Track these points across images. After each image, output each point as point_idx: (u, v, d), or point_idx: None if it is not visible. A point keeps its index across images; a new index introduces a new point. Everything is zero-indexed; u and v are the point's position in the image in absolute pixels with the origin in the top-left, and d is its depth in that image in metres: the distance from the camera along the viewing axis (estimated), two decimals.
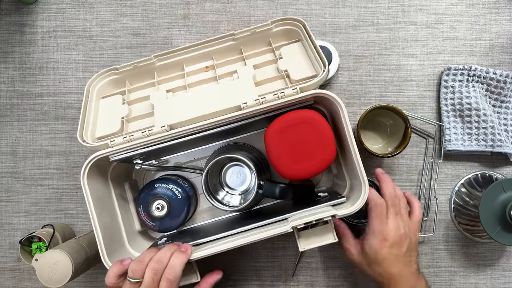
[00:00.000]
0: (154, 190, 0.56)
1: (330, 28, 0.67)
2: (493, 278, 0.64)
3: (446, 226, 0.65)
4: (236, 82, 0.55)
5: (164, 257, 0.46)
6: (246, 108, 0.49)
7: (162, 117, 0.53)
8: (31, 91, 0.69)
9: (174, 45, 0.68)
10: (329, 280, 0.65)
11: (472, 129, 0.63)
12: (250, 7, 0.68)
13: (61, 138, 0.68)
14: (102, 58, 0.68)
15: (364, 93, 0.66)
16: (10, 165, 0.68)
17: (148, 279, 0.45)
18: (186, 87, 0.57)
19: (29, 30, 0.69)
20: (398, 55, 0.66)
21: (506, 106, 0.64)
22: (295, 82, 0.53)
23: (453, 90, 0.63)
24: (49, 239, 0.59)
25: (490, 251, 0.64)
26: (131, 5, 0.69)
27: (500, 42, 0.66)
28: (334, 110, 0.52)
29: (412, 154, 0.65)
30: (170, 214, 0.56)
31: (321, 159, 0.51)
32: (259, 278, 0.65)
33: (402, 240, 0.52)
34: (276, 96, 0.49)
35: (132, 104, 0.59)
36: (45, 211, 0.67)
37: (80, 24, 0.69)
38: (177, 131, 0.50)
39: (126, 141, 0.50)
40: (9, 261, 0.67)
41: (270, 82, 0.55)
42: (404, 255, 0.52)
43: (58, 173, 0.67)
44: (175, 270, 0.45)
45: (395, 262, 0.51)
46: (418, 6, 0.67)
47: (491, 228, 0.54)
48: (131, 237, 0.57)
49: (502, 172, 0.64)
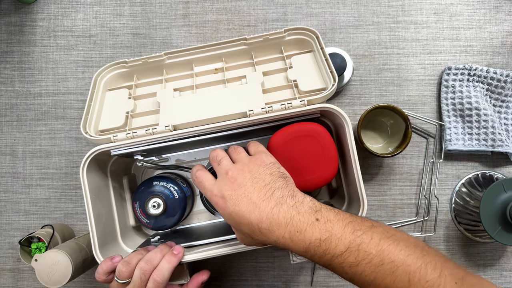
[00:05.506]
0: (152, 188, 0.56)
1: (330, 28, 0.67)
2: (493, 278, 0.64)
3: (446, 226, 0.64)
4: (244, 88, 0.54)
5: (154, 258, 0.46)
6: (252, 116, 0.49)
7: (167, 116, 0.52)
8: (30, 91, 0.68)
9: (173, 45, 0.68)
10: (330, 281, 0.65)
11: (472, 129, 0.63)
12: (250, 6, 0.68)
13: (61, 138, 0.68)
14: (102, 58, 0.68)
15: (364, 92, 0.66)
16: (10, 165, 0.68)
17: (136, 278, 0.45)
18: (193, 87, 0.57)
19: (28, 30, 0.69)
20: (399, 54, 0.66)
21: (507, 105, 0.64)
22: (303, 93, 0.52)
23: (454, 89, 0.63)
24: (49, 239, 0.59)
25: (491, 251, 0.64)
26: (131, 5, 0.69)
27: (501, 42, 0.66)
28: (339, 124, 0.52)
29: (413, 153, 0.65)
30: (166, 213, 0.56)
31: (322, 174, 0.50)
32: (259, 278, 0.65)
33: (238, 181, 0.40)
34: (283, 107, 0.49)
35: (138, 100, 0.59)
36: (45, 211, 0.67)
37: (80, 23, 0.69)
38: (180, 132, 0.49)
39: (129, 137, 0.50)
40: (8, 261, 0.67)
41: (278, 90, 0.55)
42: (259, 194, 0.39)
43: (57, 173, 0.67)
44: (163, 273, 0.45)
45: (253, 210, 0.38)
46: (419, 6, 0.66)
47: (492, 228, 0.54)
48: (124, 232, 0.57)
49: (503, 172, 0.64)
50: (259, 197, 0.39)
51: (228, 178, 0.41)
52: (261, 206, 0.39)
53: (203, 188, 0.43)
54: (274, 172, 0.42)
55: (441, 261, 0.36)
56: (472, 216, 0.60)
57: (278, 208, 0.38)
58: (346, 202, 0.57)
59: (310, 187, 0.51)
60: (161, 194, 0.56)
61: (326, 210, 0.38)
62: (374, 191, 0.65)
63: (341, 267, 0.36)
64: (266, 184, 0.40)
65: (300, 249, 0.38)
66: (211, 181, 0.43)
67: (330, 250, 0.36)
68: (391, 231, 0.38)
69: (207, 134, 0.51)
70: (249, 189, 0.40)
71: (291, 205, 0.39)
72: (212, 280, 0.65)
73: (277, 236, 0.38)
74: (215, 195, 0.41)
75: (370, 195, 0.65)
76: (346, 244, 0.36)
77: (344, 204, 0.57)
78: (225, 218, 0.42)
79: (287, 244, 0.38)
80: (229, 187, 0.40)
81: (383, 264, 0.35)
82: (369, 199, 0.65)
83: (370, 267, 0.35)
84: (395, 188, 0.65)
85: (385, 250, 0.35)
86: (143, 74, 0.61)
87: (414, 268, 0.34)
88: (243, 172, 0.41)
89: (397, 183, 0.65)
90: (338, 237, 0.36)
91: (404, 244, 0.36)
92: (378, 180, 0.65)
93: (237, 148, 0.46)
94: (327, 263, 0.37)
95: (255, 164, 0.42)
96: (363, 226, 0.37)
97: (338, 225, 0.37)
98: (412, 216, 0.65)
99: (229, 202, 0.40)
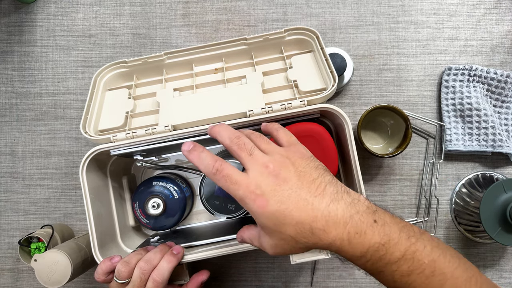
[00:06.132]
0: (152, 188, 0.56)
1: (330, 28, 0.66)
2: (493, 279, 0.64)
3: (446, 227, 0.64)
4: (244, 88, 0.54)
5: (154, 258, 0.46)
6: (251, 116, 0.49)
7: (167, 116, 0.52)
8: (30, 91, 0.68)
9: (173, 45, 0.68)
10: (330, 281, 0.65)
11: (472, 129, 0.63)
12: (250, 6, 0.68)
13: (60, 138, 0.68)
14: (102, 58, 0.68)
15: (364, 93, 0.66)
16: (9, 165, 0.68)
17: (135, 278, 0.45)
18: (193, 87, 0.57)
19: (28, 29, 0.69)
20: (399, 54, 0.66)
21: (507, 106, 0.64)
22: (303, 94, 0.52)
23: (454, 90, 0.63)
24: (48, 239, 0.59)
25: (491, 252, 0.64)
26: (131, 5, 0.68)
27: (501, 42, 0.65)
28: (339, 124, 0.52)
29: (413, 154, 0.65)
30: (165, 213, 0.56)
31: None
32: (258, 278, 0.65)
33: (282, 175, 0.35)
34: (283, 107, 0.49)
35: (137, 100, 0.59)
36: (44, 211, 0.67)
37: (79, 23, 0.69)
38: (180, 132, 0.49)
39: (129, 137, 0.50)
40: (8, 261, 0.67)
41: (278, 90, 0.55)
42: (309, 189, 0.34)
43: (57, 173, 0.67)
44: (163, 273, 0.45)
45: (304, 207, 0.33)
46: (419, 6, 0.66)
47: (492, 228, 0.54)
48: (124, 232, 0.57)
49: (503, 173, 0.64)
50: (310, 193, 0.34)
51: (269, 171, 0.35)
52: (314, 202, 0.33)
53: (233, 182, 0.35)
54: (318, 166, 0.37)
55: (479, 274, 0.34)
56: (472, 216, 0.60)
57: (335, 205, 0.33)
58: None
59: None
60: (161, 194, 0.56)
61: (382, 211, 0.35)
62: (374, 191, 0.65)
63: (392, 276, 0.33)
64: (314, 178, 0.35)
65: (357, 253, 0.33)
66: (242, 175, 0.35)
67: (387, 256, 0.33)
68: (435, 238, 0.35)
69: (207, 134, 0.51)
70: (296, 184, 0.34)
71: (349, 202, 0.34)
72: (212, 280, 0.65)
73: (334, 238, 0.33)
74: (251, 191, 0.34)
75: (370, 196, 0.65)
76: (402, 250, 0.33)
77: None
78: (263, 219, 0.34)
79: (343, 247, 0.33)
80: (272, 182, 0.34)
81: (434, 275, 0.32)
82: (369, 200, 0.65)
83: (421, 277, 0.33)
84: (395, 188, 0.65)
85: (437, 261, 0.33)
86: (143, 74, 0.61)
87: (461, 281, 0.33)
88: (286, 165, 0.36)
89: (397, 184, 0.65)
90: (395, 242, 0.33)
91: (450, 255, 0.34)
92: (378, 180, 0.65)
93: (262, 137, 0.40)
94: (378, 270, 0.34)
95: (297, 157, 0.37)
96: (415, 232, 0.34)
97: (394, 229, 0.33)
98: (412, 216, 0.65)
99: (272, 200, 0.34)
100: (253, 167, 0.36)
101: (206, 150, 0.39)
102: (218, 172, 0.36)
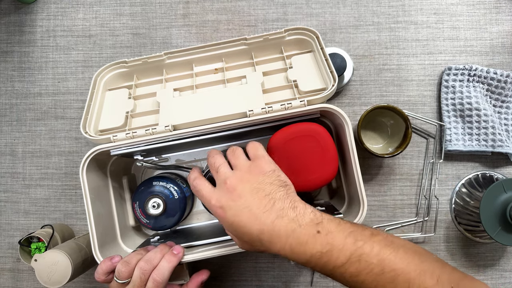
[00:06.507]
0: (152, 188, 0.56)
1: (330, 28, 0.67)
2: (493, 279, 0.64)
3: (446, 227, 0.64)
4: (244, 88, 0.54)
5: (154, 258, 0.46)
6: (252, 116, 0.49)
7: (167, 116, 0.52)
8: (30, 91, 0.68)
9: (173, 45, 0.68)
10: (330, 281, 0.65)
11: (472, 129, 0.63)
12: (250, 6, 0.68)
13: (60, 138, 0.68)
14: (102, 58, 0.68)
15: (364, 93, 0.66)
16: (9, 165, 0.68)
17: (136, 278, 0.45)
18: (193, 87, 0.57)
19: (28, 29, 0.69)
20: (399, 54, 0.66)
21: (507, 106, 0.64)
22: (303, 94, 0.52)
23: (454, 90, 0.63)
24: (48, 239, 0.59)
25: (491, 252, 0.64)
26: (131, 5, 0.68)
27: (501, 42, 0.65)
28: (339, 124, 0.52)
29: (413, 154, 0.65)
30: (166, 213, 0.56)
31: (322, 175, 0.50)
32: (258, 278, 0.65)
33: (237, 191, 0.40)
34: (283, 107, 0.49)
35: (137, 100, 0.59)
36: (44, 211, 0.67)
37: (79, 23, 0.69)
38: (180, 132, 0.49)
39: (129, 137, 0.50)
40: (8, 261, 0.67)
41: (278, 90, 0.55)
42: (259, 205, 0.39)
43: (57, 173, 0.67)
44: (163, 272, 0.45)
45: (254, 221, 0.38)
46: (419, 6, 0.66)
47: (492, 228, 0.54)
48: (124, 232, 0.57)
49: (503, 172, 0.64)
50: (260, 209, 0.39)
51: (227, 187, 0.41)
52: (262, 218, 0.38)
53: (201, 196, 0.43)
54: (274, 181, 0.41)
55: (439, 267, 0.37)
56: (472, 216, 0.60)
57: (279, 221, 0.38)
58: (346, 202, 0.57)
59: (310, 188, 0.50)
60: (161, 194, 0.56)
61: (327, 221, 0.38)
62: (374, 191, 0.65)
63: (343, 277, 0.37)
64: (266, 194, 0.40)
65: (302, 261, 0.38)
66: (209, 190, 0.43)
67: (331, 262, 0.36)
68: (389, 237, 0.38)
69: (207, 134, 0.51)
70: (249, 200, 0.39)
71: (292, 218, 0.38)
72: (212, 280, 0.65)
73: (278, 248, 0.38)
74: (213, 204, 0.41)
75: (370, 196, 0.65)
76: (347, 255, 0.36)
77: (344, 205, 0.57)
78: (225, 227, 0.42)
79: (288, 256, 0.38)
80: (228, 197, 0.40)
81: (383, 273, 0.35)
82: (369, 200, 0.65)
83: (371, 276, 0.36)
84: (395, 188, 0.65)
85: (386, 259, 0.36)
86: (143, 74, 0.61)
87: (414, 275, 0.35)
88: (242, 182, 0.41)
89: (397, 184, 0.65)
90: (339, 249, 0.36)
91: (403, 251, 0.37)
92: (378, 180, 0.65)
93: (235, 151, 0.45)
94: (328, 273, 0.38)
95: (255, 173, 0.42)
96: (364, 235, 0.37)
97: (339, 236, 0.37)
98: (412, 216, 0.65)
99: (228, 213, 0.40)
100: (218, 182, 0.43)
101: (199, 175, 0.46)
102: (193, 187, 0.45)
